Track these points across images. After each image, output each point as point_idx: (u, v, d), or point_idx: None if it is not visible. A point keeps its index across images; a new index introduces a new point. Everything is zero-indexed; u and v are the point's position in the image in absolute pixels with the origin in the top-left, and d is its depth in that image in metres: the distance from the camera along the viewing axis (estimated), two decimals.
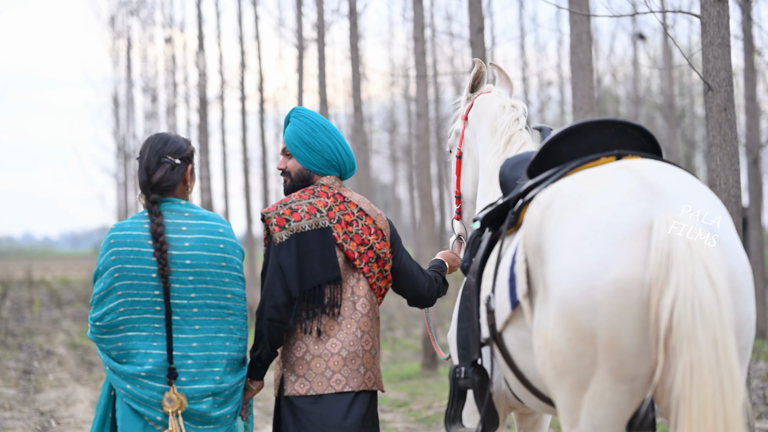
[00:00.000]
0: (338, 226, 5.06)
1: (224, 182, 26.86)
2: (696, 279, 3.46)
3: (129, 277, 4.78)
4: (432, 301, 5.43)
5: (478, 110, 5.53)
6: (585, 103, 9.35)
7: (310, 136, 5.15)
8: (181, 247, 4.82)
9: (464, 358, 4.64)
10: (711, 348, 3.43)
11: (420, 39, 13.85)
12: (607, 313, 3.58)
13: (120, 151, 35.88)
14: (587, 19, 9.37)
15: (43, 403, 12.46)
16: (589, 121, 4.32)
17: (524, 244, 3.99)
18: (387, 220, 5.30)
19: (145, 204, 4.89)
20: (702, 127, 33.89)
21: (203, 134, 26.23)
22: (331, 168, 5.20)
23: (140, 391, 4.75)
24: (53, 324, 23.44)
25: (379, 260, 5.16)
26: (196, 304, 4.82)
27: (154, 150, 4.90)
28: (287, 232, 4.98)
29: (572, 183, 3.94)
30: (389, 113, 36.34)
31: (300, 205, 5.05)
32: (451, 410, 4.81)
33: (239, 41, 24.79)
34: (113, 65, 35.73)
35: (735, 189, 6.94)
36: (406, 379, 14.03)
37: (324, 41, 17.20)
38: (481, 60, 5.80)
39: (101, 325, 4.81)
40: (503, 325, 4.23)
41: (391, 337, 20.02)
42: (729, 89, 6.98)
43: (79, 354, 17.76)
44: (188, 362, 4.80)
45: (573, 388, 3.74)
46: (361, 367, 5.04)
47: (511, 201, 4.51)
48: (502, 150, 5.30)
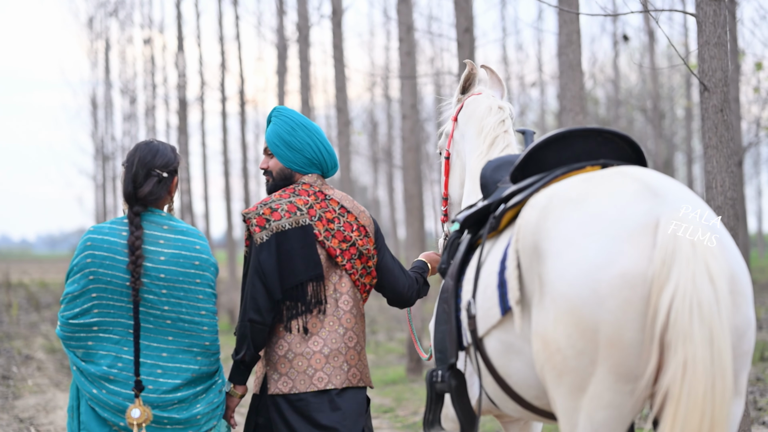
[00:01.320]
0: (319, 224, 5.06)
1: (204, 184, 26.65)
2: (696, 277, 3.45)
3: (104, 282, 4.78)
4: (412, 301, 5.42)
5: (467, 111, 5.51)
6: (575, 105, 9.23)
7: (290, 135, 5.16)
8: (156, 261, 4.81)
9: (441, 362, 4.62)
10: (706, 347, 3.41)
11: (405, 39, 13.69)
12: (612, 306, 3.55)
13: (98, 153, 35.64)
14: (577, 18, 9.25)
15: (23, 410, 12.25)
16: (575, 129, 4.29)
17: (516, 249, 3.95)
18: (371, 217, 5.31)
19: (128, 214, 4.86)
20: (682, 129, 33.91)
21: (183, 136, 26.03)
22: (313, 166, 5.20)
23: (106, 396, 4.75)
24: (31, 328, 23.22)
25: (362, 257, 5.15)
26: (170, 317, 4.81)
27: (143, 162, 4.89)
28: (267, 232, 4.98)
29: (570, 185, 3.92)
30: (369, 114, 36.22)
31: (280, 204, 5.04)
32: (429, 414, 4.77)
33: (219, 41, 24.57)
34: (91, 66, 35.50)
35: (731, 192, 6.81)
36: (391, 384, 13.89)
37: (307, 42, 17.04)
38: (471, 61, 5.73)
39: (75, 324, 4.79)
40: (487, 331, 4.20)
41: (374, 340, 19.86)
42: (725, 90, 6.87)
43: (58, 359, 17.54)
44: (158, 371, 4.80)
45: (571, 389, 3.70)
46: (344, 364, 5.03)
47: (492, 205, 4.48)
48: (485, 152, 5.30)
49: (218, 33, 24.67)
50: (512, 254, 3.99)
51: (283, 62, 19.48)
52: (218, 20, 24.83)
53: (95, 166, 36.87)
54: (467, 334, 4.37)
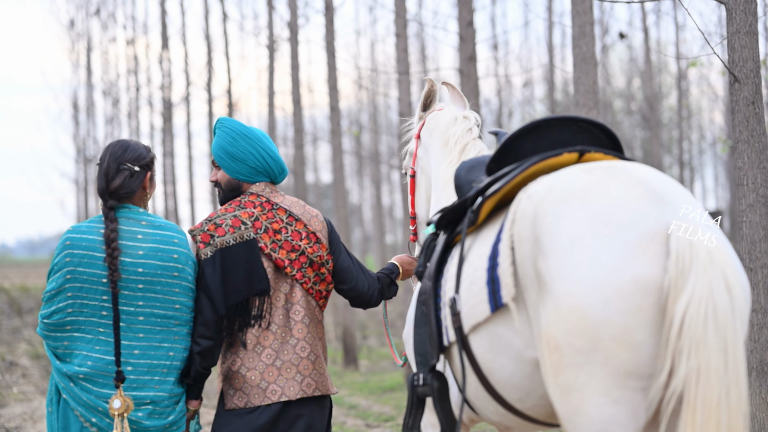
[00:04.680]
0: (265, 236, 5.09)
1: (190, 187, 26.17)
2: (713, 285, 3.44)
3: (80, 280, 4.84)
4: (374, 301, 5.44)
5: (430, 126, 5.50)
6: (589, 99, 8.86)
7: (232, 145, 5.20)
8: (134, 255, 4.87)
9: (422, 365, 4.53)
10: (721, 354, 3.41)
11: (402, 35, 13.26)
12: (622, 309, 3.51)
13: (80, 154, 35.23)
14: (590, 9, 8.89)
15: (8, 419, 11.90)
16: (550, 117, 4.27)
17: (511, 243, 3.90)
18: (325, 220, 5.34)
19: (102, 209, 4.95)
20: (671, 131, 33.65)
21: (168, 137, 25.61)
22: (259, 174, 5.24)
23: (80, 392, 4.82)
24: (14, 333, 22.85)
25: (314, 264, 5.18)
26: (143, 312, 4.87)
27: (114, 157, 4.98)
28: (212, 248, 5.00)
29: (570, 176, 3.85)
30: (355, 115, 35.85)
31: (224, 219, 5.07)
32: (409, 419, 4.70)
33: (205, 39, 24.09)
34: (73, 69, 35.08)
35: (764, 189, 6.49)
36: (389, 391, 13.56)
37: (297, 39, 16.64)
38: (431, 78, 5.65)
39: (49, 323, 4.87)
40: (472, 328, 4.13)
41: (366, 346, 19.51)
42: (757, 80, 6.59)
43: (42, 365, 17.14)
44: (128, 368, 4.85)
45: (567, 388, 3.65)
46: (297, 375, 5.06)
47: (469, 200, 4.40)
48: (456, 160, 5.27)
49: (204, 31, 24.21)
50: (505, 249, 3.92)
51: (272, 62, 19.09)
52: (204, 17, 24.39)
53: (77, 169, 36.47)
54: (448, 332, 4.31)
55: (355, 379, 15.15)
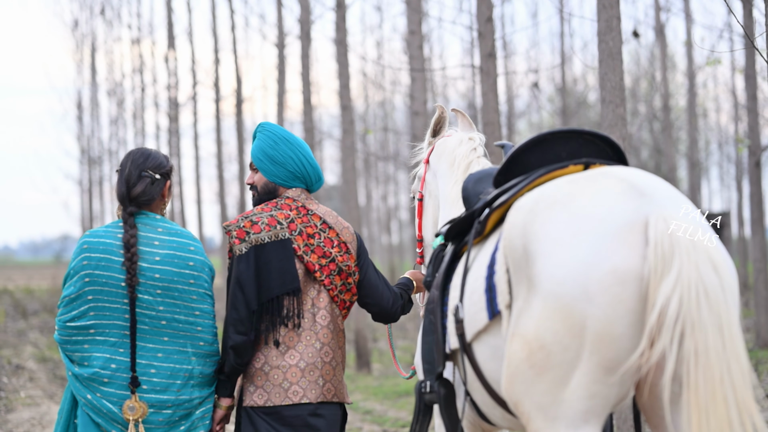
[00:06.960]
0: (299, 238, 5.15)
1: (197, 188, 25.93)
2: (700, 267, 3.49)
3: (99, 284, 4.91)
4: (396, 317, 5.52)
5: (438, 151, 5.64)
6: (615, 96, 8.55)
7: (272, 149, 5.27)
8: (151, 261, 4.95)
9: (429, 372, 4.65)
10: (717, 333, 3.45)
11: (416, 32, 13.00)
12: (601, 303, 3.58)
13: (84, 157, 34.95)
14: (617, 3, 8.60)
15: (17, 424, 11.65)
16: (557, 130, 4.35)
17: (505, 253, 3.98)
18: (354, 233, 5.41)
19: (122, 215, 5.03)
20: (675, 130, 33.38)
21: (174, 137, 25.35)
22: (296, 180, 5.31)
23: (99, 401, 4.86)
24: (20, 336, 22.68)
25: (342, 273, 5.24)
26: (165, 317, 4.94)
27: (136, 164, 5.08)
28: (247, 245, 5.07)
29: (555, 187, 3.94)
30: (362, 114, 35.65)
31: (261, 217, 5.14)
32: (417, 426, 4.79)
33: (213, 36, 23.79)
34: (77, 69, 34.82)
35: None
36: (404, 396, 13.31)
37: (309, 37, 16.38)
38: (441, 105, 5.78)
39: (72, 327, 4.92)
40: (475, 335, 4.22)
41: (377, 349, 19.27)
42: None
43: (49, 368, 16.92)
44: (151, 371, 4.93)
45: (554, 384, 3.72)
46: (319, 379, 5.10)
47: (476, 211, 4.50)
48: (461, 178, 5.38)
49: (212, 27, 23.91)
50: (501, 259, 4.02)
51: (282, 60, 18.82)
52: (212, 13, 24.08)
53: (81, 170, 36.21)
54: (451, 340, 4.42)
55: (368, 383, 14.90)
